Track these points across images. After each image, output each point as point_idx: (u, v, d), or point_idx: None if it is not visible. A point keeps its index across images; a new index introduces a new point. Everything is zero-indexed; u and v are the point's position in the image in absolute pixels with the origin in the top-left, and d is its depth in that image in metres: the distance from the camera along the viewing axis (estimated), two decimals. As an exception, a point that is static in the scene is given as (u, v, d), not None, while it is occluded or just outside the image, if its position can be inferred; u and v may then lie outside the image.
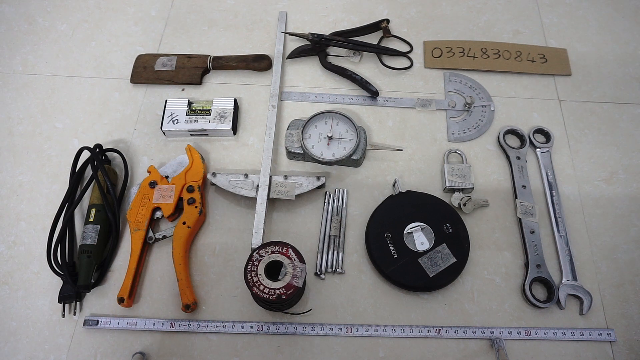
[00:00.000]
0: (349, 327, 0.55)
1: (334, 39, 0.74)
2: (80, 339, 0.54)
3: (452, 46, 0.76)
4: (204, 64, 0.73)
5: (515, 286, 0.58)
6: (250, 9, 0.80)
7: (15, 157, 0.66)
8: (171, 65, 0.73)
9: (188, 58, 0.73)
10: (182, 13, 0.80)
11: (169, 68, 0.72)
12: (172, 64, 0.73)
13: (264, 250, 0.52)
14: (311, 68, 0.74)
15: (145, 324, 0.55)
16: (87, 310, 0.56)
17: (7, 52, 0.76)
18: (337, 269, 0.58)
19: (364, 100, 0.71)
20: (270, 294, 0.49)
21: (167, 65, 0.73)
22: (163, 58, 0.73)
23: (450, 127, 0.69)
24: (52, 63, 0.75)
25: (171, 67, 0.73)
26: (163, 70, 0.72)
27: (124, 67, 0.74)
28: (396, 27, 0.79)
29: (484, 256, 0.60)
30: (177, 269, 0.56)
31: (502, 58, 0.75)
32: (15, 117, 0.70)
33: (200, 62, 0.73)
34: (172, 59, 0.73)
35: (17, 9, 0.80)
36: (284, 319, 0.56)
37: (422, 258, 0.57)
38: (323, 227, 0.61)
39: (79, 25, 0.78)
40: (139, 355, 0.53)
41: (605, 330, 0.56)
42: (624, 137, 0.69)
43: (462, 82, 0.74)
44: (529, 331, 0.55)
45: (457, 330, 0.55)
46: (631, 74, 0.75)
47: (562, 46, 0.78)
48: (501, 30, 0.79)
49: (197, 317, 0.56)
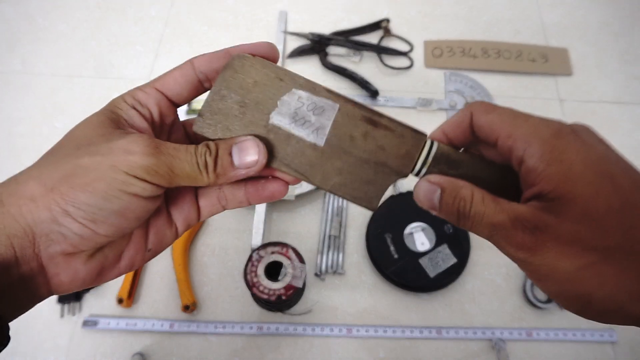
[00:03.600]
0: (349, 327, 0.55)
1: (334, 38, 0.74)
2: (80, 340, 0.54)
3: (452, 46, 0.76)
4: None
5: (516, 287, 0.58)
6: (250, 9, 0.80)
7: (15, 157, 0.66)
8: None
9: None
10: (182, 13, 0.80)
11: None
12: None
13: (263, 251, 0.52)
14: (311, 68, 0.74)
15: (145, 324, 0.54)
16: (87, 311, 0.56)
17: (6, 52, 0.76)
18: (337, 269, 0.58)
19: (364, 99, 0.71)
20: (270, 294, 0.49)
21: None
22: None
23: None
24: (52, 63, 0.75)
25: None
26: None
27: (124, 67, 0.74)
28: (396, 27, 0.79)
29: (485, 256, 0.60)
30: (177, 269, 0.56)
31: (503, 58, 0.75)
32: (15, 117, 0.70)
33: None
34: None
35: (16, 9, 0.80)
36: (283, 320, 0.55)
37: (423, 258, 0.57)
38: (323, 228, 0.61)
39: (79, 25, 0.78)
40: (138, 355, 0.53)
41: (607, 331, 0.55)
42: (625, 137, 0.69)
43: (463, 81, 0.73)
44: (530, 332, 0.55)
45: (457, 331, 0.55)
46: (632, 73, 0.75)
47: (563, 46, 0.77)
48: (502, 29, 0.79)
49: (196, 318, 0.56)
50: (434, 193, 0.25)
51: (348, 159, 0.25)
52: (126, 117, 0.25)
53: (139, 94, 0.25)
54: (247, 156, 0.24)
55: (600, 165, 0.21)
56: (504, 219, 0.22)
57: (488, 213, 0.23)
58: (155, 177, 0.22)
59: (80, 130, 0.24)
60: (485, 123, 0.25)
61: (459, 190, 0.24)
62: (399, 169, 0.25)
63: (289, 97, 0.25)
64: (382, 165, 0.25)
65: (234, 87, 0.25)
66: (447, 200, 0.24)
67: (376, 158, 0.25)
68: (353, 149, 0.25)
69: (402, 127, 0.26)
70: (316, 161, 0.25)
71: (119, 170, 0.21)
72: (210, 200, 0.27)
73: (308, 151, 0.25)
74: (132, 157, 0.22)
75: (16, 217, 0.21)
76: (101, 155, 0.22)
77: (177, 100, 0.26)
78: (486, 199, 0.23)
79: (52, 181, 0.21)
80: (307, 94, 0.25)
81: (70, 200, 0.21)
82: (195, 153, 0.23)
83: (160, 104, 0.26)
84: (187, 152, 0.23)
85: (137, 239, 0.25)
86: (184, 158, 0.23)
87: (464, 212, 0.24)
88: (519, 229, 0.22)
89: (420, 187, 0.25)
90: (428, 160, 0.25)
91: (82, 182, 0.21)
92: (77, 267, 0.22)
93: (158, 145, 0.23)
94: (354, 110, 0.25)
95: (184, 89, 0.26)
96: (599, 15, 0.81)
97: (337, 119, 0.25)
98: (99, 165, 0.21)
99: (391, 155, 0.25)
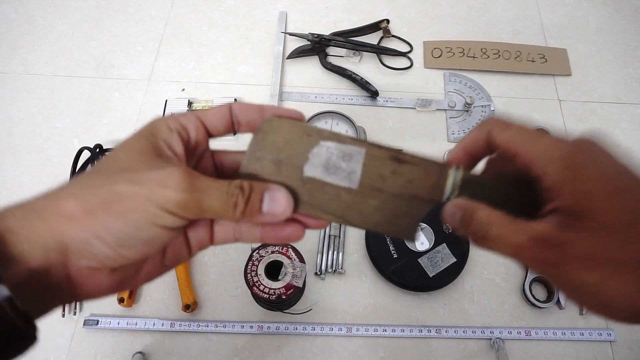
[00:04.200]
0: (349, 327, 0.55)
1: (334, 39, 0.74)
2: (80, 339, 0.54)
3: (452, 46, 0.76)
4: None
5: (515, 286, 0.58)
6: (250, 9, 0.81)
7: (15, 157, 0.66)
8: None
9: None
10: (182, 13, 0.80)
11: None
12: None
13: (264, 250, 0.52)
14: (311, 68, 0.74)
15: (145, 324, 0.55)
16: (87, 310, 0.56)
17: (6, 52, 0.76)
18: (337, 269, 0.58)
19: (364, 100, 0.71)
20: (270, 294, 0.49)
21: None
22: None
23: (450, 127, 0.69)
24: (52, 63, 0.75)
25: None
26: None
27: (124, 67, 0.74)
28: (396, 27, 0.79)
29: (484, 256, 0.60)
30: (177, 269, 0.56)
31: (502, 58, 0.75)
32: (15, 117, 0.70)
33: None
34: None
35: (17, 9, 0.80)
36: (284, 319, 0.56)
37: (422, 258, 0.57)
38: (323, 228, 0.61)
39: (79, 25, 0.78)
40: (139, 355, 0.53)
41: (605, 330, 0.56)
42: (625, 137, 0.69)
43: (462, 82, 0.74)
44: (528, 331, 0.55)
45: (457, 330, 0.55)
46: (631, 74, 0.75)
47: (562, 46, 0.78)
48: (501, 30, 0.79)
49: (197, 317, 0.56)
50: (456, 214, 0.26)
51: (382, 196, 0.27)
52: (166, 140, 0.26)
53: (182, 119, 0.27)
54: (277, 206, 0.25)
55: (615, 180, 0.22)
56: (524, 240, 0.23)
57: (508, 235, 0.24)
58: (185, 211, 0.23)
59: (123, 154, 0.25)
60: (503, 141, 0.26)
61: (475, 213, 0.25)
62: (430, 198, 0.27)
63: (318, 149, 0.27)
64: (414, 197, 0.27)
65: (267, 147, 0.27)
66: (465, 223, 0.26)
67: (407, 192, 0.27)
68: (385, 186, 0.27)
69: (425, 161, 0.27)
70: (352, 203, 0.27)
71: (152, 203, 0.23)
72: (225, 230, 0.28)
73: (344, 195, 0.27)
74: (166, 192, 0.23)
75: (53, 232, 0.22)
76: (138, 185, 0.23)
77: (212, 131, 0.29)
78: (504, 221, 0.24)
79: (90, 204, 0.22)
80: (334, 144, 0.27)
81: (104, 226, 0.22)
82: (227, 192, 0.24)
83: (198, 130, 0.28)
84: (219, 189, 0.24)
85: (156, 256, 0.27)
86: (214, 195, 0.24)
87: (482, 235, 0.25)
88: (541, 247, 0.23)
89: (445, 210, 0.27)
90: (455, 186, 0.27)
91: (118, 210, 0.22)
92: (101, 279, 0.24)
93: (193, 180, 0.24)
94: (379, 152, 0.27)
95: (220, 124, 0.28)
96: (598, 16, 0.81)
97: (365, 162, 0.27)
98: (135, 195, 0.23)
99: (420, 187, 0.27)
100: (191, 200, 0.23)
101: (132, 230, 0.23)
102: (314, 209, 0.27)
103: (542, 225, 0.23)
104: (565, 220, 0.22)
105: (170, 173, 0.24)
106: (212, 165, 0.31)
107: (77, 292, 0.24)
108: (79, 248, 0.22)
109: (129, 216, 0.23)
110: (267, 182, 0.26)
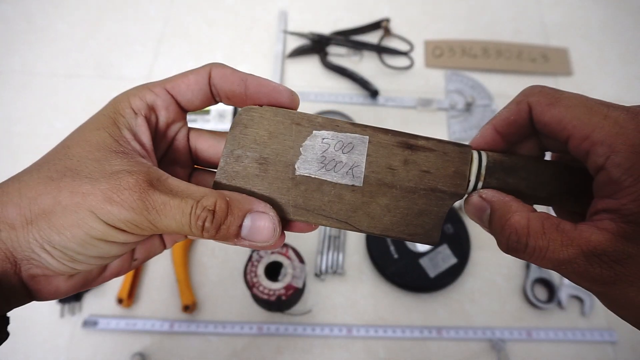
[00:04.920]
0: (349, 327, 0.55)
1: (334, 38, 0.74)
2: (80, 340, 0.54)
3: (453, 45, 0.76)
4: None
5: (516, 287, 0.58)
6: (250, 9, 0.80)
7: (14, 158, 0.66)
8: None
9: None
10: (182, 13, 0.80)
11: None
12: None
13: (263, 251, 0.52)
14: (311, 67, 0.74)
15: (145, 324, 0.54)
16: (86, 311, 0.56)
17: (5, 52, 0.75)
18: (337, 269, 0.58)
19: (364, 99, 0.71)
20: (270, 294, 0.49)
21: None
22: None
23: (451, 127, 0.69)
24: (51, 63, 0.74)
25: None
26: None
27: (124, 67, 0.74)
28: (397, 27, 0.78)
29: (485, 257, 0.59)
30: (177, 269, 0.56)
31: (503, 57, 0.75)
32: (14, 116, 0.70)
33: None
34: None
35: (16, 9, 0.80)
36: (283, 320, 0.55)
37: (423, 258, 0.57)
38: (323, 228, 0.60)
39: (78, 25, 0.78)
40: (138, 356, 0.52)
41: (607, 331, 0.55)
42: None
43: (463, 81, 0.73)
44: (530, 332, 0.55)
45: (457, 331, 0.55)
46: (633, 73, 0.75)
47: (563, 45, 0.77)
48: (502, 29, 0.79)
49: (196, 318, 0.56)
50: (484, 211, 0.22)
51: (393, 193, 0.22)
52: (130, 129, 0.23)
53: (148, 96, 0.23)
54: (259, 236, 0.21)
55: None
56: (574, 253, 0.19)
57: (552, 248, 0.19)
58: (136, 230, 0.21)
59: (77, 147, 0.22)
60: (552, 120, 0.20)
61: (511, 217, 0.20)
62: (452, 191, 0.23)
63: (311, 141, 0.22)
64: (432, 190, 0.22)
65: (248, 143, 0.23)
66: (496, 225, 0.21)
67: (424, 185, 0.22)
68: (396, 180, 0.22)
69: (443, 143, 0.23)
70: (358, 204, 0.22)
71: (97, 219, 0.20)
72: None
73: (347, 195, 0.22)
74: (112, 208, 0.20)
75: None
76: (83, 196, 0.20)
77: (187, 106, 0.25)
78: (548, 229, 0.19)
79: (31, 214, 0.20)
80: (330, 132, 0.22)
81: (47, 240, 0.20)
82: (193, 213, 0.20)
83: (169, 109, 0.24)
84: (180, 209, 0.20)
85: (123, 255, 0.25)
86: (173, 216, 0.20)
87: (516, 246, 0.20)
88: (595, 263, 0.18)
89: (470, 202, 0.23)
90: (481, 173, 0.22)
91: (60, 223, 0.20)
92: (58, 284, 0.22)
93: (146, 197, 0.20)
94: (385, 138, 0.22)
95: (196, 97, 0.24)
96: (599, 15, 0.81)
97: (370, 152, 0.22)
98: (78, 208, 0.20)
99: (439, 177, 0.22)
100: (142, 220, 0.20)
101: (77, 247, 0.20)
102: (311, 215, 0.22)
103: (599, 235, 0.18)
104: (629, 228, 0.18)
105: (119, 186, 0.20)
106: (187, 148, 0.26)
107: (34, 295, 0.22)
108: (26, 257, 0.20)
109: (72, 232, 0.20)
110: (249, 198, 0.22)
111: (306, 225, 0.23)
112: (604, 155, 0.19)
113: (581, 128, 0.19)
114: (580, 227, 0.19)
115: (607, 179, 0.19)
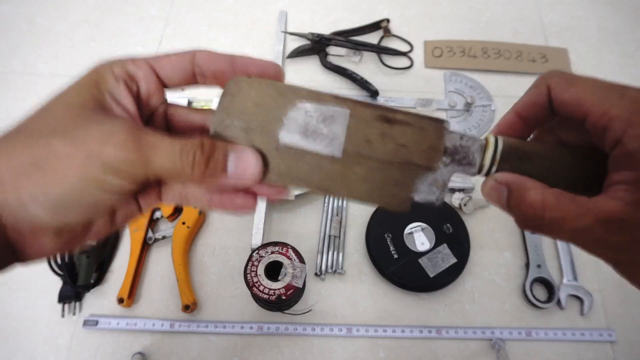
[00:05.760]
0: (349, 327, 0.55)
1: (334, 38, 0.74)
2: (80, 339, 0.54)
3: (452, 46, 0.76)
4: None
5: (515, 286, 0.58)
6: (250, 9, 0.80)
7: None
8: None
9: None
10: (182, 13, 0.80)
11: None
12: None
13: (263, 251, 0.52)
14: (311, 68, 0.74)
15: (145, 324, 0.55)
16: (87, 311, 0.56)
17: (6, 52, 0.76)
18: (337, 269, 0.58)
19: (364, 99, 0.71)
20: (270, 294, 0.49)
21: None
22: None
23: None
24: (52, 63, 0.75)
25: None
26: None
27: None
28: (396, 27, 0.79)
29: (485, 256, 0.60)
30: (177, 269, 0.56)
31: (503, 58, 0.75)
32: (15, 117, 0.69)
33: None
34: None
35: (16, 9, 0.80)
36: (283, 320, 0.56)
37: (423, 258, 0.57)
38: (323, 227, 0.61)
39: (79, 25, 0.78)
40: (138, 355, 0.53)
41: (606, 330, 0.55)
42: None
43: (463, 81, 0.73)
44: (529, 332, 0.55)
45: (457, 331, 0.55)
46: (632, 74, 0.75)
47: (562, 46, 0.77)
48: (502, 30, 0.79)
49: (196, 318, 0.56)
50: (501, 193, 0.22)
51: (370, 164, 0.24)
52: (112, 93, 0.23)
53: (129, 66, 0.24)
54: (246, 168, 0.22)
55: None
56: (589, 222, 0.19)
57: (569, 217, 0.20)
58: (131, 170, 0.21)
59: (59, 110, 0.22)
60: (570, 98, 0.22)
61: (527, 194, 0.21)
62: (425, 164, 0.24)
63: (294, 112, 0.24)
64: (407, 164, 0.24)
65: (236, 113, 0.24)
66: (514, 204, 0.22)
67: (400, 158, 0.24)
68: (373, 152, 0.24)
69: (420, 118, 0.24)
70: (337, 173, 0.24)
71: (93, 164, 0.20)
72: (172, 191, 0.26)
73: (326, 164, 0.24)
74: (108, 149, 0.20)
75: None
76: (77, 144, 0.20)
77: (167, 82, 0.25)
78: (563, 201, 0.20)
79: (22, 166, 0.20)
80: (313, 105, 0.24)
81: (40, 190, 0.20)
82: (183, 149, 0.21)
83: (149, 80, 0.24)
84: (172, 146, 0.21)
85: (105, 215, 0.25)
86: (166, 152, 0.21)
87: (534, 221, 0.21)
88: (611, 230, 0.19)
89: (486, 186, 0.23)
90: (496, 157, 0.23)
91: (54, 171, 0.20)
92: (44, 242, 0.22)
93: (139, 135, 0.21)
94: (366, 112, 0.24)
95: (177, 74, 0.25)
96: (598, 16, 0.81)
97: (350, 125, 0.24)
98: (73, 155, 0.20)
99: (415, 151, 0.24)
100: (138, 158, 0.20)
101: (71, 194, 0.20)
102: (292, 180, 0.24)
103: (613, 203, 0.19)
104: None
105: (112, 128, 0.21)
106: (165, 122, 0.27)
107: (19, 255, 0.22)
108: (13, 212, 0.20)
109: (67, 178, 0.20)
110: (230, 143, 0.23)
111: (271, 189, 0.25)
112: (621, 129, 0.19)
113: (599, 105, 0.20)
114: (595, 199, 0.20)
115: (623, 152, 0.19)
